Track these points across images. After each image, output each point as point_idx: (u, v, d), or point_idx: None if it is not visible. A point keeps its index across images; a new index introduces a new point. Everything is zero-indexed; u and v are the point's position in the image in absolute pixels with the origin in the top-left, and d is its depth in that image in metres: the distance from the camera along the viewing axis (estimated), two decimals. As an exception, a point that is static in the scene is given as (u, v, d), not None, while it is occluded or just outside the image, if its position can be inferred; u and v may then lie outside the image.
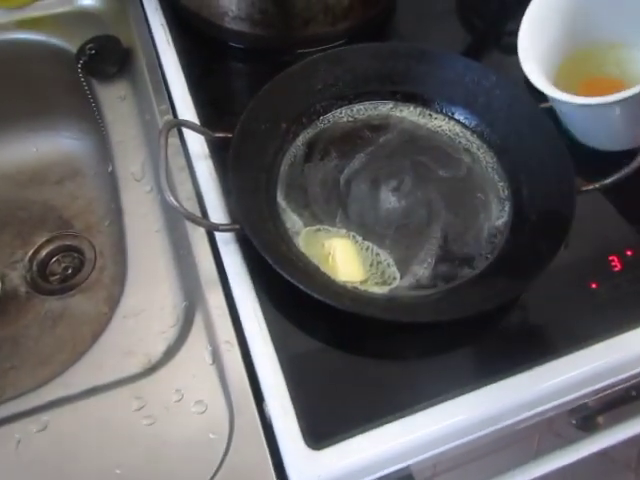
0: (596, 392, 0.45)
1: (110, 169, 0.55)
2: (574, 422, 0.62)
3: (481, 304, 0.40)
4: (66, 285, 0.62)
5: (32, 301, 0.61)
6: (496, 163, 0.50)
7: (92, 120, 0.62)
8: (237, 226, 0.42)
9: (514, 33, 0.49)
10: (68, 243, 0.65)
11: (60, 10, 0.65)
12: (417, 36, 0.65)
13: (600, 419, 0.61)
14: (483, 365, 0.42)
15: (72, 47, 0.61)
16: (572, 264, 0.45)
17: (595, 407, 0.58)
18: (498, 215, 0.47)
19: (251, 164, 0.47)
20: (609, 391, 0.49)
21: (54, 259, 0.64)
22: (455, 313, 0.40)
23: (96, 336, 0.45)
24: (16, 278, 0.62)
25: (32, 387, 0.42)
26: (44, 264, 0.64)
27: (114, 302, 0.56)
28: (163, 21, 0.61)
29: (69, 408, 0.40)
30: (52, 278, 0.63)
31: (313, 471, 0.37)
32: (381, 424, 0.38)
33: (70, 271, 0.63)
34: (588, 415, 0.60)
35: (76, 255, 0.64)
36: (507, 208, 0.48)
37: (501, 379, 0.40)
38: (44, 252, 0.64)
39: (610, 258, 0.46)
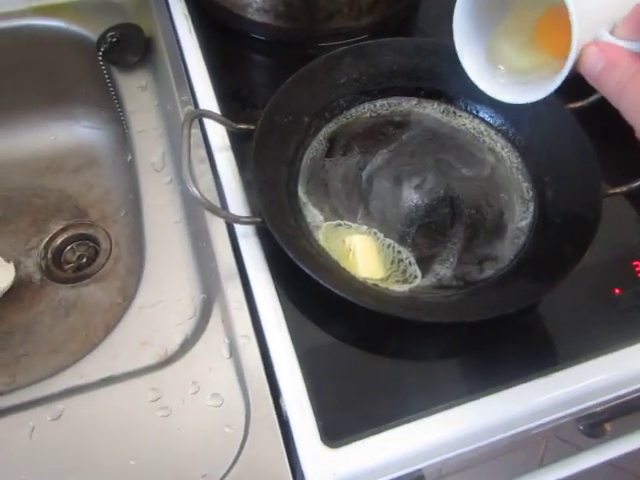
0: (613, 399, 0.44)
1: (129, 159, 0.55)
2: (581, 428, 0.61)
3: (504, 306, 0.39)
4: (80, 274, 0.62)
5: (46, 289, 0.61)
6: (520, 163, 0.50)
7: (111, 109, 0.62)
8: (258, 219, 0.42)
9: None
10: (83, 232, 0.65)
11: (81, -4, 0.65)
12: (440, 33, 0.63)
13: (608, 426, 0.61)
14: (501, 369, 0.41)
15: (93, 35, 0.61)
16: (595, 268, 0.45)
17: (603, 414, 0.57)
18: (522, 216, 0.47)
19: (273, 157, 0.46)
20: (626, 399, 0.48)
21: (69, 247, 0.64)
22: (478, 314, 0.40)
23: (109, 326, 0.45)
24: (31, 265, 0.62)
25: (44, 375, 0.42)
26: (59, 252, 0.64)
27: (128, 293, 0.56)
28: (185, 11, 0.61)
29: (84, 397, 0.40)
30: (67, 266, 0.63)
31: (329, 469, 0.36)
32: (397, 425, 0.38)
33: (85, 260, 0.63)
34: (596, 422, 0.59)
35: (91, 244, 0.64)
36: (531, 209, 0.47)
37: (519, 384, 0.40)
38: (59, 240, 0.64)
39: (634, 263, 0.46)
